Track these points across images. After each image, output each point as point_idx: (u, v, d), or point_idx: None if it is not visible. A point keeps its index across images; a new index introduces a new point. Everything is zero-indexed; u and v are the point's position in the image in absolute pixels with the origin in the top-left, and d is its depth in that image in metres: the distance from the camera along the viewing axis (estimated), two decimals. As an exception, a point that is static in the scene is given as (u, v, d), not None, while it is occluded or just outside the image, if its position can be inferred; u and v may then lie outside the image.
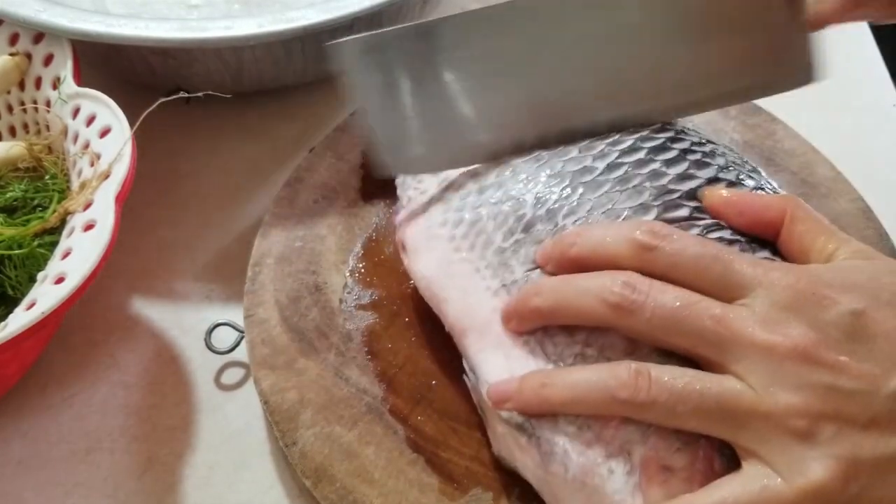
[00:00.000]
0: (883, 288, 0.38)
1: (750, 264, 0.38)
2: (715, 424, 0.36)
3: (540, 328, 0.41)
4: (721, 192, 0.42)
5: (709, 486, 0.36)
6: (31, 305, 0.43)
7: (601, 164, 0.45)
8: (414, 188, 0.50)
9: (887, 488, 0.35)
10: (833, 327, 0.36)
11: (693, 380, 0.37)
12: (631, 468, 0.37)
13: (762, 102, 0.60)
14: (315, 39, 0.57)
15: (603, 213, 0.43)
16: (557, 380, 0.39)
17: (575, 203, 0.44)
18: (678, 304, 0.37)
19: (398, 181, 0.52)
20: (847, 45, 0.55)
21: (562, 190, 0.44)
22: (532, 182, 0.45)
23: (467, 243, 0.45)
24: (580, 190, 0.44)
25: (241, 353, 0.51)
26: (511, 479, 0.43)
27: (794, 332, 0.36)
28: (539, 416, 0.39)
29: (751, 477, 0.35)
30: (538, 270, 0.43)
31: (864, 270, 0.39)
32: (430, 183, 0.49)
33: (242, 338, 0.50)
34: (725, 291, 0.38)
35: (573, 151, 0.46)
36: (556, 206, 0.44)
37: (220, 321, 0.52)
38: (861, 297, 0.37)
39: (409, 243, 0.47)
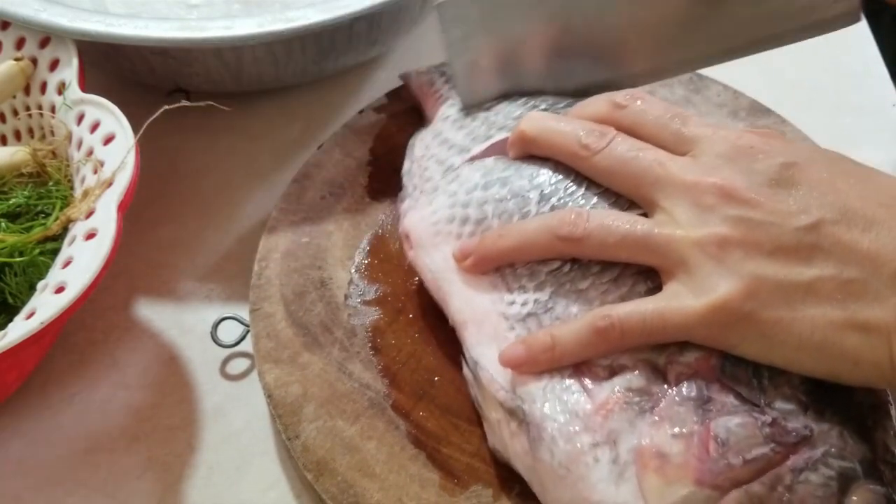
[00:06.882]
0: (825, 152, 0.44)
1: (704, 124, 0.44)
2: (641, 252, 0.41)
3: (534, 323, 0.42)
4: None
5: (629, 302, 0.40)
6: (31, 315, 0.43)
7: None
8: (419, 177, 0.50)
9: (785, 310, 0.38)
10: (760, 174, 0.40)
11: (624, 215, 0.42)
12: (616, 457, 0.38)
13: (770, 104, 0.60)
14: (315, 39, 0.57)
15: (608, 205, 0.44)
16: (511, 229, 0.44)
17: (580, 197, 0.44)
18: (630, 150, 0.43)
19: (404, 170, 0.52)
20: (847, 45, 0.54)
21: (566, 186, 0.45)
22: (536, 177, 0.46)
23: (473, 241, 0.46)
24: (584, 184, 0.45)
25: (247, 346, 0.51)
26: (511, 476, 0.42)
27: (722, 173, 0.41)
28: (524, 376, 0.41)
29: (666, 294, 0.40)
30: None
31: (807, 146, 0.44)
32: (435, 171, 0.50)
33: (248, 331, 0.50)
34: (679, 145, 0.43)
35: None
36: (561, 202, 0.44)
37: (226, 315, 0.52)
38: (798, 155, 0.41)
39: (415, 237, 0.48)
